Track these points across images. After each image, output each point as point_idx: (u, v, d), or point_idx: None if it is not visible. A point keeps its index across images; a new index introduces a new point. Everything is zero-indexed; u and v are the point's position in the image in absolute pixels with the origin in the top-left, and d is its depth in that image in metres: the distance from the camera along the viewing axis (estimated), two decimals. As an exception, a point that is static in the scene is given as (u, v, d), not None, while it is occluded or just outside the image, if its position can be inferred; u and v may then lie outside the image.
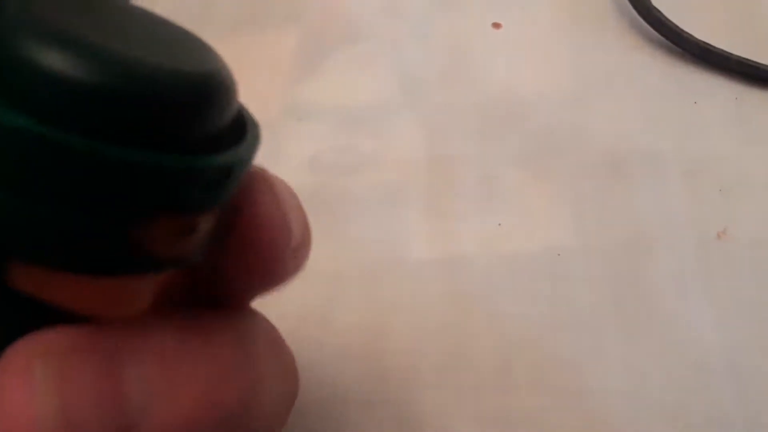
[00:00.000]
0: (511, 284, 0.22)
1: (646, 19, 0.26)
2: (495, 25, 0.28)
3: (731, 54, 0.25)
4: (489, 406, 0.20)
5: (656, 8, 0.26)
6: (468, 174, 0.25)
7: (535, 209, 0.23)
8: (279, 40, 0.29)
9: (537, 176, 0.24)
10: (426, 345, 0.22)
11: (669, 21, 0.26)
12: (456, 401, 0.21)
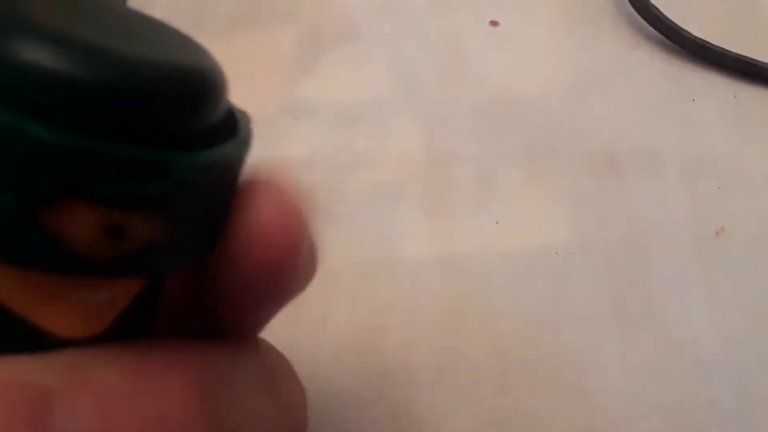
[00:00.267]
0: (509, 283, 0.22)
1: (644, 17, 0.26)
2: (493, 23, 0.28)
3: (729, 51, 0.25)
4: (485, 405, 0.20)
5: (654, 6, 0.26)
6: (465, 172, 0.24)
7: (533, 207, 0.23)
8: (276, 39, 0.29)
9: (535, 174, 0.24)
10: (422, 343, 0.21)
11: (667, 18, 0.26)
12: (452, 400, 0.20)
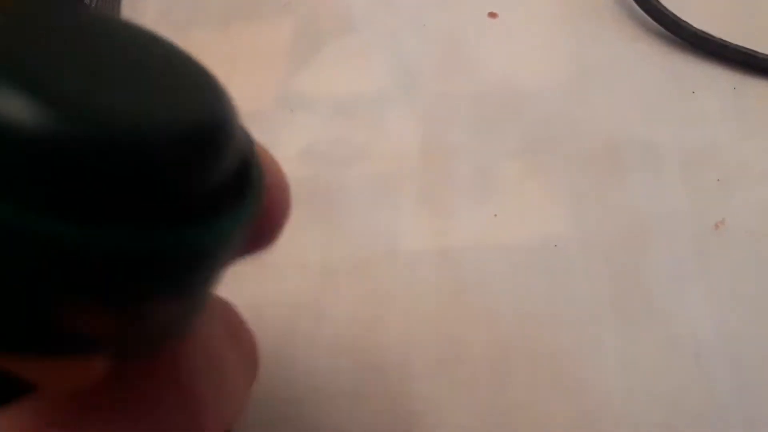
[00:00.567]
0: (508, 276, 0.22)
1: (644, 8, 0.26)
2: (491, 15, 0.28)
3: (729, 43, 0.24)
4: (484, 399, 0.20)
5: (654, -3, 0.26)
6: (464, 165, 0.24)
7: (532, 200, 0.23)
8: (273, 31, 0.29)
9: (534, 167, 0.24)
10: (420, 337, 0.21)
11: (666, 10, 0.25)
12: (451, 394, 0.20)
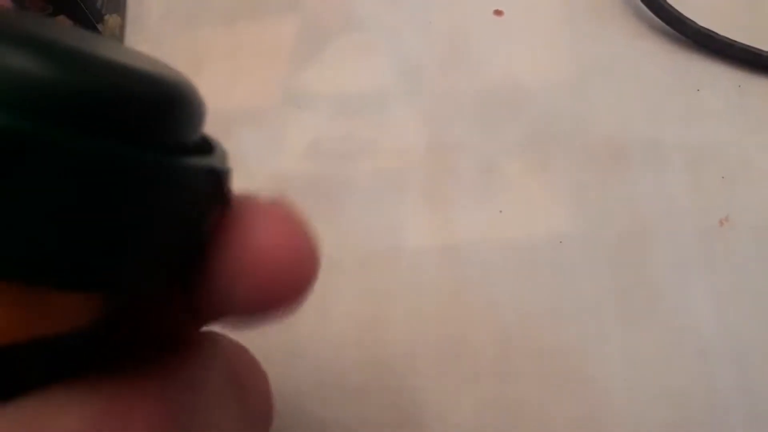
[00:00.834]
0: (512, 272, 0.22)
1: (648, 6, 0.26)
2: (496, 12, 0.28)
3: (734, 41, 0.25)
4: (488, 394, 0.20)
5: (659, -5, 0.26)
6: (468, 162, 0.24)
7: (536, 197, 0.23)
8: (279, 28, 0.29)
9: (538, 164, 0.24)
10: (424, 333, 0.21)
11: (671, 7, 0.25)
12: (455, 389, 0.20)
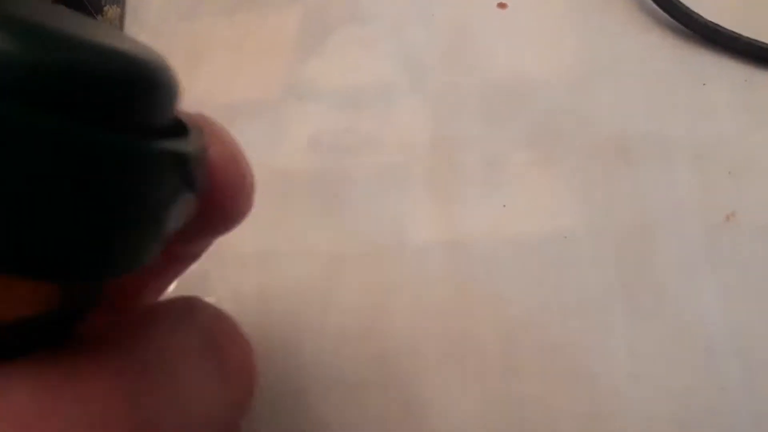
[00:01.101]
0: (516, 267, 0.22)
1: (655, 0, 0.26)
2: (500, 5, 0.28)
3: (740, 35, 0.24)
4: (493, 390, 0.20)
5: (665, -11, 0.26)
6: (472, 156, 0.24)
7: (541, 192, 0.23)
8: (281, 20, 0.29)
9: (543, 159, 0.24)
10: (428, 328, 0.21)
11: (677, 1, 0.25)
12: (459, 385, 0.20)
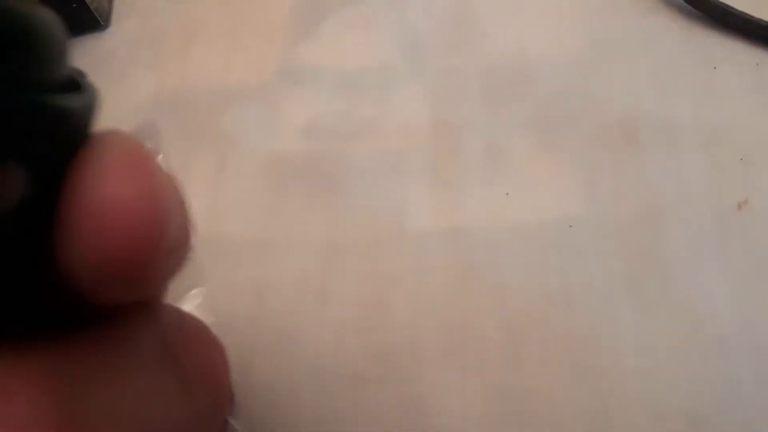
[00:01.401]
0: (520, 257, 0.21)
1: (663, -19, 0.25)
2: (503, -14, 0.27)
3: (752, 17, 0.23)
4: (495, 383, 0.19)
5: (673, -31, 0.25)
6: (474, 142, 0.23)
7: (545, 179, 0.22)
8: (276, 1, 0.28)
9: (547, 145, 0.23)
10: (428, 320, 0.21)
11: (687, -18, 0.24)
12: (460, 378, 0.20)
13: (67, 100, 0.08)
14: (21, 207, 0.08)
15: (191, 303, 0.22)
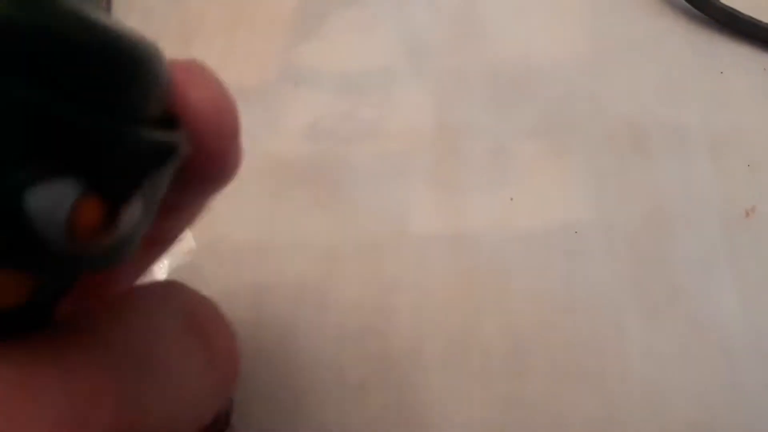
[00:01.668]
0: (524, 262, 0.21)
1: (669, -16, 0.25)
2: (507, -12, 0.26)
3: (760, 22, 0.23)
4: (498, 392, 0.19)
5: (680, -28, 0.25)
6: (478, 145, 0.23)
7: (551, 184, 0.22)
8: (277, 0, 0.28)
9: (552, 149, 0.23)
10: (430, 326, 0.20)
11: (694, -14, 0.24)
12: (463, 385, 0.19)
13: (172, 137, 0.09)
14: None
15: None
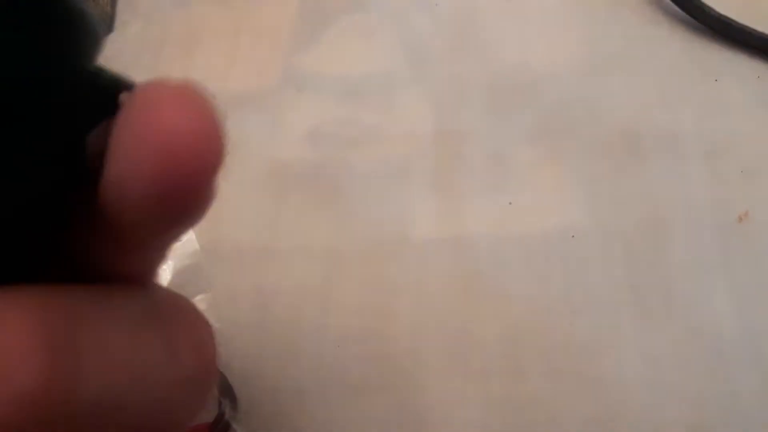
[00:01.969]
0: (522, 266, 0.21)
1: (665, -8, 0.25)
2: (506, -4, 0.27)
3: (753, 30, 0.24)
4: (497, 393, 0.19)
5: (676, -19, 0.25)
6: (477, 150, 0.23)
7: (548, 188, 0.22)
8: (279, 7, 0.28)
9: (550, 154, 0.23)
10: (430, 328, 0.21)
11: (689, -6, 0.25)
12: (462, 387, 0.20)
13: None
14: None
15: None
